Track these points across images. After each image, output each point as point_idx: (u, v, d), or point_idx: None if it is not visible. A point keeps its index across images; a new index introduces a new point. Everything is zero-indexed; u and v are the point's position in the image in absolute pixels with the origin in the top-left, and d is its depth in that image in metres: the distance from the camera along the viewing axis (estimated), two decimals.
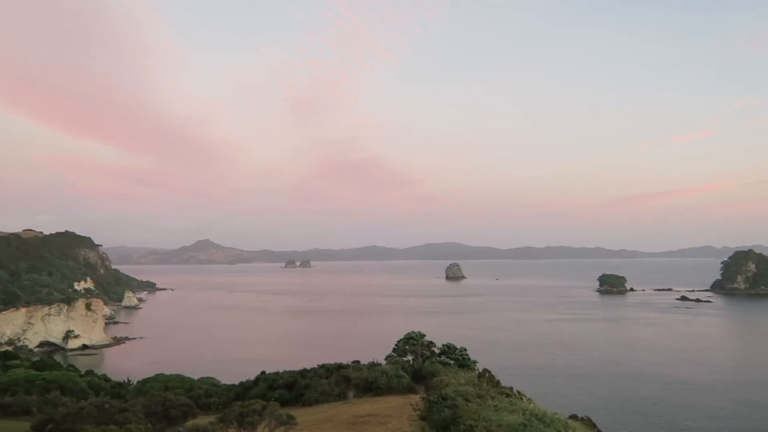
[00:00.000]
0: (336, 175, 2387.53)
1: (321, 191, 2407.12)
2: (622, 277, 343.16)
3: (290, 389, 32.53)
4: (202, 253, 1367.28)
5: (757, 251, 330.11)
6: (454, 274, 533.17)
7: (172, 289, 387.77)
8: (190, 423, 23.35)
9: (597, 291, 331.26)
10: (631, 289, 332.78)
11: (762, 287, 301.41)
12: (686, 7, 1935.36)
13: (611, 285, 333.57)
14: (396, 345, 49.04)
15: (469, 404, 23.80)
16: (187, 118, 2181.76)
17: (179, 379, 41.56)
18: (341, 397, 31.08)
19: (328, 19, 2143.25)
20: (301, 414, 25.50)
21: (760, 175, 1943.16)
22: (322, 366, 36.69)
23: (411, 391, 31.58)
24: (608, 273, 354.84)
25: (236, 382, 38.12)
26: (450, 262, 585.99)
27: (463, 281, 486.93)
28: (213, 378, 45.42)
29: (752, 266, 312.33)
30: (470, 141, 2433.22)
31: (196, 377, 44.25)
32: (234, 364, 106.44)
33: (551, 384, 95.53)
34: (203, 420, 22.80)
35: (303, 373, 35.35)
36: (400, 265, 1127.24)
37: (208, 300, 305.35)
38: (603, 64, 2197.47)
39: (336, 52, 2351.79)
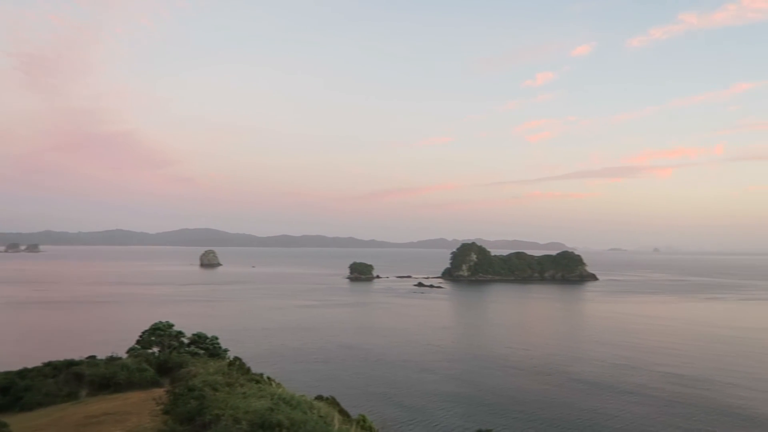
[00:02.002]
0: (78, 147, 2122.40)
1: (57, 165, 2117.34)
2: (370, 265, 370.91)
3: (5, 393, 28.27)
4: None
5: (479, 244, 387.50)
6: (209, 261, 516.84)
7: None
8: None
9: (347, 278, 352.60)
10: (378, 277, 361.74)
11: (480, 274, 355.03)
12: (434, 23, 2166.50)
13: (360, 272, 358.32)
14: (141, 336, 46.56)
15: (218, 393, 23.58)
16: None
17: None
18: (72, 397, 28.10)
19: None
20: (18, 420, 22.42)
21: (484, 179, 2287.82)
22: (49, 364, 32.80)
23: (155, 384, 30.06)
24: (358, 261, 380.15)
25: None
26: (206, 248, 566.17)
27: (219, 269, 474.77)
28: None
29: (474, 256, 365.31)
30: (231, 125, 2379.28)
31: None
32: None
33: (301, 368, 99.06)
34: None
35: (23, 373, 31.06)
36: (150, 250, 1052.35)
37: None
38: (369, 61, 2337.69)
39: (86, 9, 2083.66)
